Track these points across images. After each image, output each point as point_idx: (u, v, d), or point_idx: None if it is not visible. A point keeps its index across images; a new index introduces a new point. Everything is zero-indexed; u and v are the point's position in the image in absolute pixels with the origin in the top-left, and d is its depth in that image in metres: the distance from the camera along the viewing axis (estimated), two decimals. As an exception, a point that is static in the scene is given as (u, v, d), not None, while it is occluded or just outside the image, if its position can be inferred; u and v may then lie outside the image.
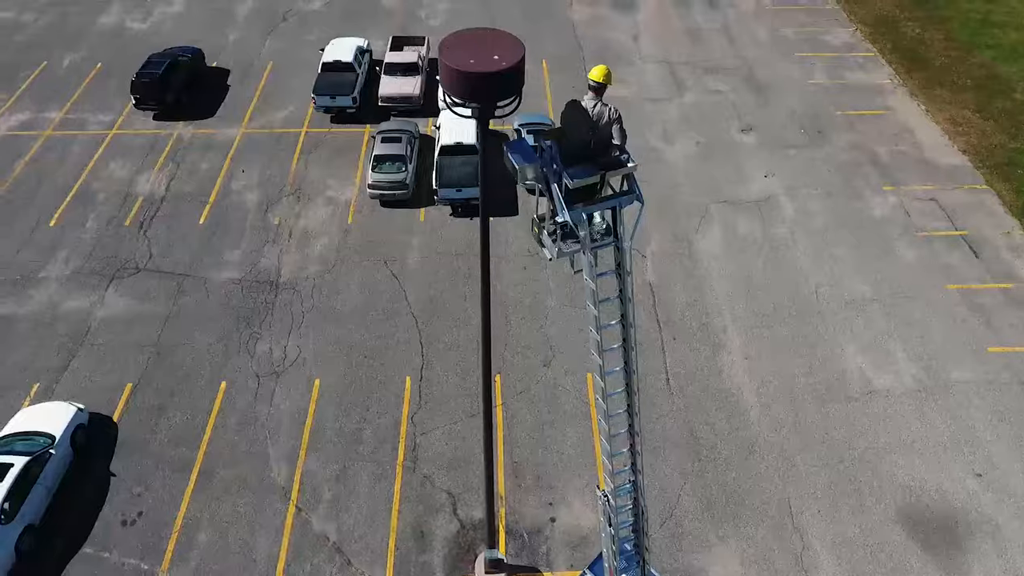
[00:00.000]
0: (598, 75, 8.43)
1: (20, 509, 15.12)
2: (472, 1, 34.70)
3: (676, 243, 22.48)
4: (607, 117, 8.34)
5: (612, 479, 10.86)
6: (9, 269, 21.45)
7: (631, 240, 8.78)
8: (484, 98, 6.41)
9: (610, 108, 8.39)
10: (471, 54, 5.94)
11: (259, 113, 27.65)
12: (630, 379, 10.07)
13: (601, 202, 8.39)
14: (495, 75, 5.98)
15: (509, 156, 8.02)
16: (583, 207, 8.11)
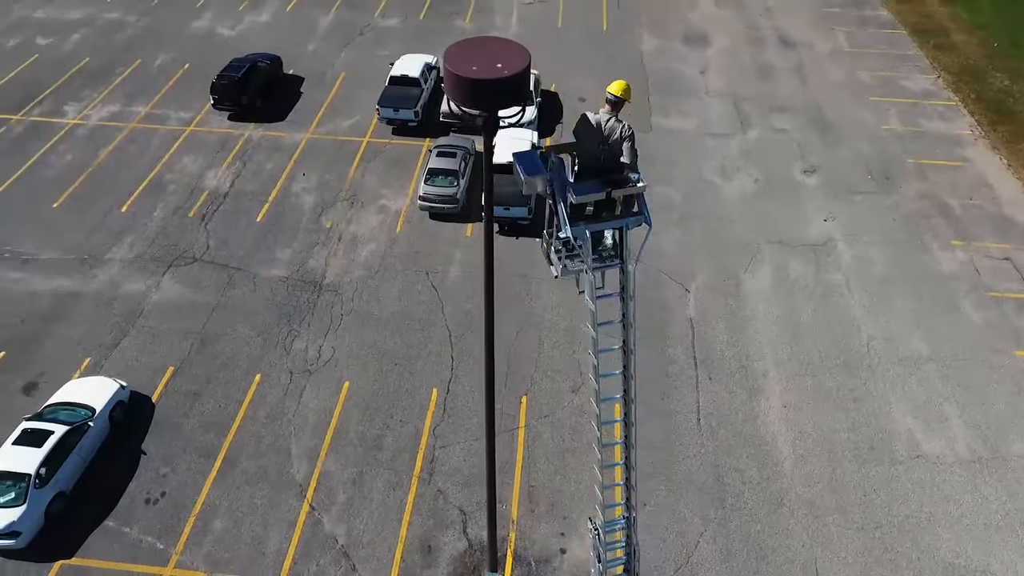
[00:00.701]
0: (616, 89, 8.29)
1: (54, 476, 15.85)
2: (542, 27, 35.16)
3: (723, 280, 21.82)
4: (619, 134, 8.18)
5: (603, 512, 10.49)
6: (80, 249, 22.79)
7: (635, 263, 8.53)
8: (486, 106, 6.38)
9: (623, 125, 8.23)
10: (475, 61, 5.94)
11: (326, 120, 28.66)
12: (628, 408, 9.75)
13: (606, 221, 8.20)
14: (496, 82, 5.94)
15: (516, 167, 7.96)
16: (586, 225, 7.94)
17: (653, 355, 19.54)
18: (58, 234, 23.26)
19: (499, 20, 35.69)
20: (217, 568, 15.24)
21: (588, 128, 8.24)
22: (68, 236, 23.18)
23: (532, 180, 7.79)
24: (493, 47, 6.13)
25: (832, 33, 34.91)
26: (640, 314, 20.42)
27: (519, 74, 6.01)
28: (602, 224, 8.19)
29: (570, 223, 7.92)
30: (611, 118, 8.26)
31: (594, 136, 8.22)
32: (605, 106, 8.44)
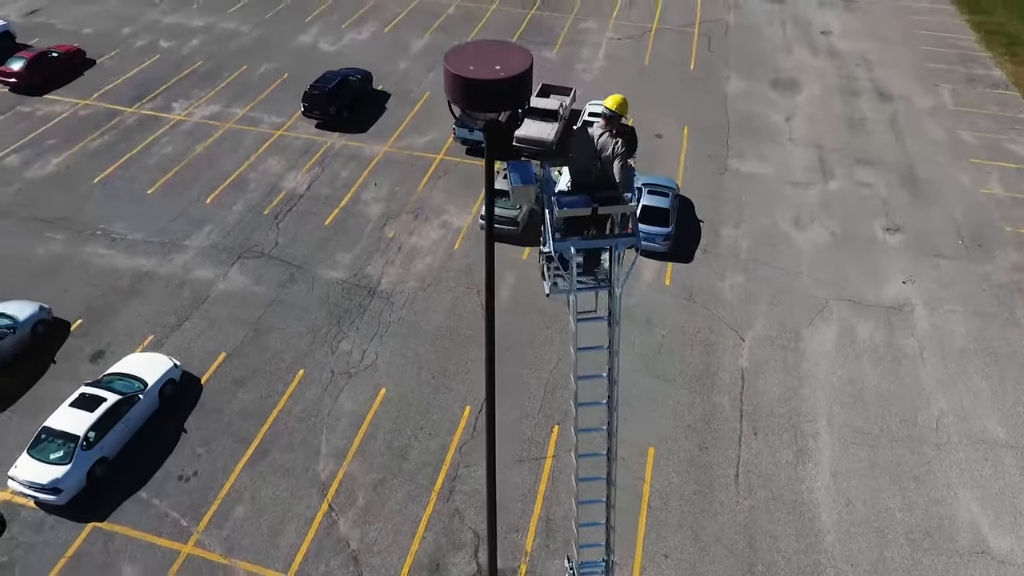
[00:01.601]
0: (611, 103, 8.04)
1: (101, 441, 16.74)
2: (629, 62, 35.18)
3: (782, 333, 20.69)
4: (611, 150, 7.89)
5: (579, 554, 9.96)
6: (163, 234, 24.35)
7: (622, 287, 8.14)
8: (481, 106, 6.32)
9: (617, 142, 7.94)
10: (474, 62, 5.91)
11: (405, 135, 29.60)
12: (610, 443, 9.28)
13: (593, 239, 7.89)
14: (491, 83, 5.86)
15: (508, 175, 7.80)
16: (572, 241, 7.65)
17: (697, 401, 18.70)
18: (147, 218, 24.97)
19: (586, 53, 36.01)
20: (232, 553, 15.55)
21: (583, 142, 8.05)
22: (155, 220, 24.84)
23: (522, 189, 7.60)
24: (499, 50, 6.08)
25: (936, 89, 33.06)
26: (689, 357, 19.79)
27: (515, 77, 5.90)
28: (589, 242, 7.88)
29: (562, 239, 7.67)
30: (604, 133, 8.04)
31: (587, 151, 8.01)
32: (600, 120, 8.24)
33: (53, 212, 25.24)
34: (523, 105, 7.07)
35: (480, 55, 5.92)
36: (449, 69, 5.92)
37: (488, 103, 6.23)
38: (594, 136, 8.03)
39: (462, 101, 6.18)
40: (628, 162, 8.14)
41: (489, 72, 5.80)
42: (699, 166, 27.57)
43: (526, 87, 6.18)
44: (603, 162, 8.00)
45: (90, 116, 30.77)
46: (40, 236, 24.23)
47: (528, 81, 6.20)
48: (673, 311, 21.37)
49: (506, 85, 5.85)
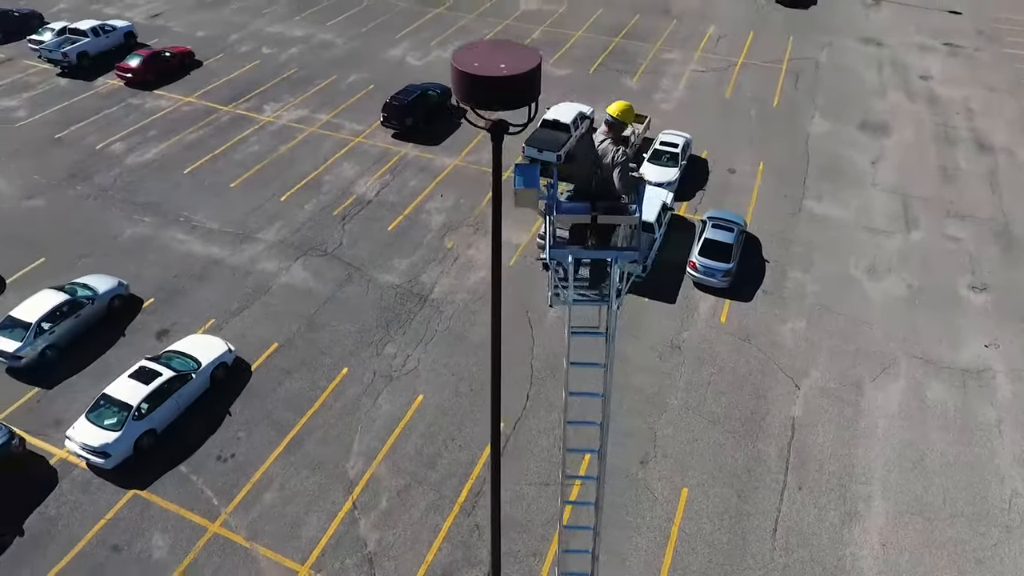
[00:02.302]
0: (614, 110, 7.78)
1: (151, 413, 17.62)
2: (709, 95, 34.54)
3: (843, 385, 19.46)
4: (610, 158, 7.61)
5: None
6: (238, 225, 25.65)
7: (617, 304, 7.79)
8: (484, 103, 6.23)
9: (618, 150, 7.64)
10: (480, 60, 5.86)
11: (476, 151, 30.09)
12: (601, 465, 8.87)
13: (594, 249, 7.61)
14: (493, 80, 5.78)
15: (514, 176, 7.65)
16: (570, 250, 7.41)
17: (740, 446, 17.80)
18: (226, 210, 26.39)
19: (666, 83, 35.64)
20: (254, 537, 15.92)
21: (586, 148, 7.83)
22: (233, 213, 26.22)
23: (524, 192, 7.42)
24: (508, 50, 6.03)
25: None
26: (737, 399, 18.90)
27: (518, 75, 5.81)
28: (588, 252, 7.63)
29: (561, 247, 7.46)
30: (607, 140, 7.78)
31: (589, 158, 7.78)
32: (603, 127, 7.99)
33: (145, 197, 27.10)
34: (524, 104, 6.92)
35: (488, 54, 5.89)
36: (454, 65, 5.93)
37: (489, 100, 6.16)
38: (596, 143, 7.85)
39: (465, 98, 6.16)
40: (631, 171, 7.89)
41: (493, 70, 5.77)
42: (772, 205, 26.57)
43: (529, 86, 6.07)
44: (603, 170, 7.78)
45: (190, 112, 33.00)
46: (131, 218, 26.04)
47: (533, 81, 6.09)
48: (726, 350, 20.53)
49: (508, 83, 5.77)
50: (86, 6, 44.89)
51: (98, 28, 37.92)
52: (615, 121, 7.86)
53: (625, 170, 7.67)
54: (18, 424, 18.19)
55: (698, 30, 41.74)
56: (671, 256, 23.68)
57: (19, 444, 17.29)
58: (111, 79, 35.75)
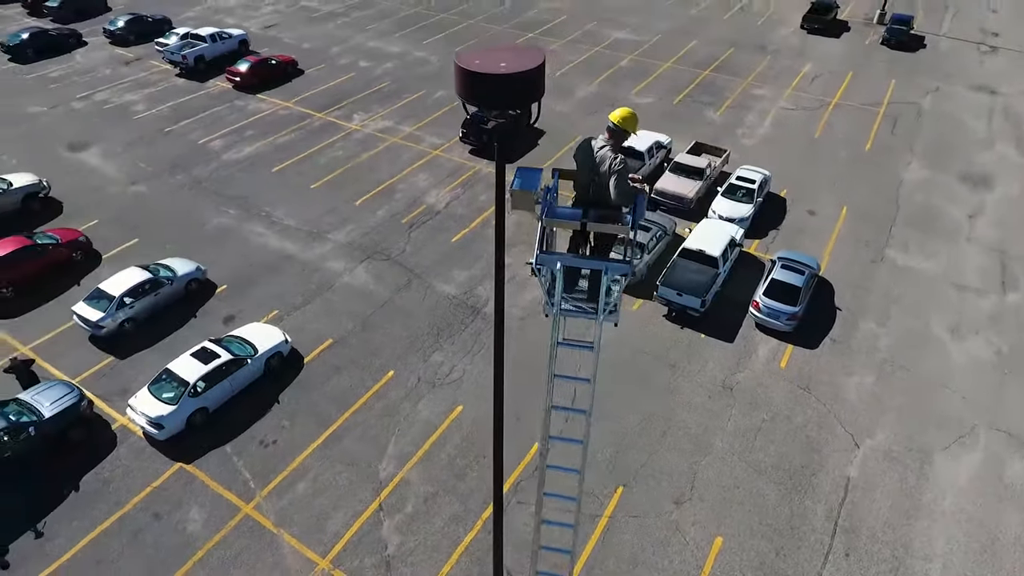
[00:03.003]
0: (616, 116, 7.50)
1: (206, 392, 18.53)
2: (796, 133, 33.29)
3: (908, 449, 17.98)
4: (607, 165, 7.31)
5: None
6: (312, 224, 26.82)
7: (603, 316, 7.45)
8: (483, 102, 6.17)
9: (616, 157, 7.34)
10: (482, 59, 5.84)
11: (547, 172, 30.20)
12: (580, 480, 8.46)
13: (584, 259, 7.35)
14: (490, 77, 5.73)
15: (514, 179, 7.51)
16: (558, 256, 7.17)
17: (786, 500, 16.74)
18: (304, 209, 27.68)
19: (751, 118, 34.67)
20: (282, 524, 16.34)
21: (585, 155, 7.60)
22: (310, 212, 27.46)
23: (520, 194, 7.26)
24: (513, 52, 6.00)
25: None
26: (788, 450, 17.84)
27: (516, 74, 5.75)
28: (577, 260, 7.37)
29: (549, 253, 7.23)
30: (606, 147, 7.50)
31: (588, 164, 7.54)
32: (604, 133, 7.71)
33: (234, 191, 28.85)
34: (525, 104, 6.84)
35: (492, 55, 5.90)
36: (456, 64, 5.99)
37: (488, 98, 6.15)
38: (595, 149, 7.63)
39: (466, 96, 6.19)
40: (630, 180, 7.63)
41: (492, 68, 5.76)
42: (851, 251, 25.15)
43: (528, 86, 6.00)
44: (600, 177, 7.55)
45: (286, 116, 35.01)
46: (218, 209, 27.77)
47: (534, 81, 6.02)
48: (782, 397, 19.47)
49: (507, 81, 5.74)
50: (211, 16, 48.69)
51: (216, 35, 41.05)
52: (616, 128, 7.66)
53: (622, 178, 7.45)
54: (90, 388, 19.59)
55: (793, 67, 40.48)
56: (735, 294, 22.81)
57: (87, 406, 18.60)
58: (221, 81, 38.50)
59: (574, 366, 8.74)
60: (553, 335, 7.71)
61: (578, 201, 7.74)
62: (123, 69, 40.27)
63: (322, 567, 15.53)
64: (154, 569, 15.44)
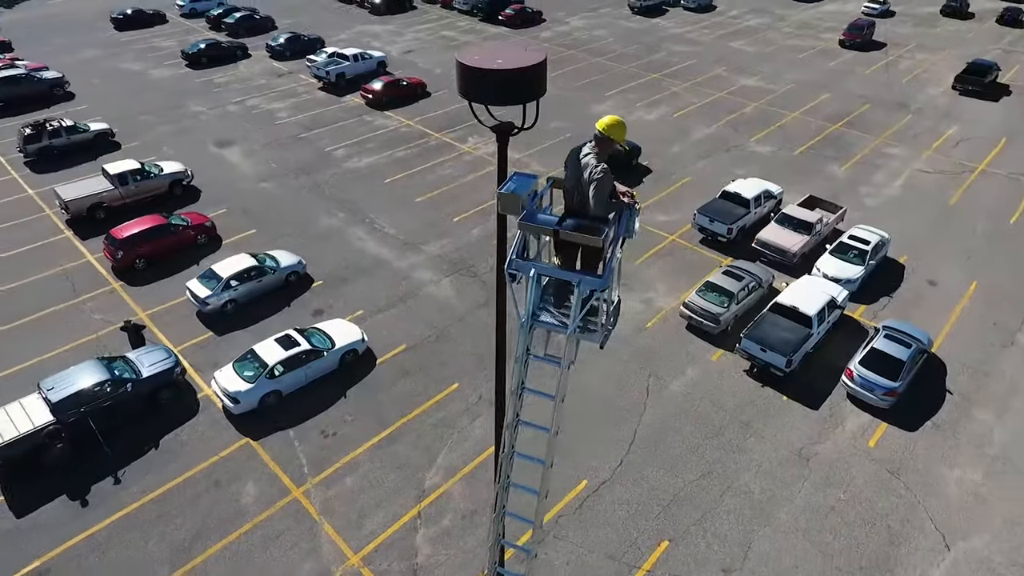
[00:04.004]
0: (601, 124, 7.07)
1: (282, 376, 19.63)
2: (930, 198, 30.54)
3: (1013, 564, 15.59)
4: (588, 173, 6.86)
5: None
6: (410, 235, 27.95)
7: (574, 329, 6.96)
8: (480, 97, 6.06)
9: (597, 166, 6.87)
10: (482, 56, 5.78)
11: (648, 210, 29.69)
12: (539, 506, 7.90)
13: (557, 269, 6.90)
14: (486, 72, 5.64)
15: (507, 182, 7.28)
16: (533, 264, 6.82)
17: None
18: (405, 220, 28.94)
19: (879, 178, 32.27)
20: (324, 513, 16.83)
21: (572, 162, 7.23)
22: (410, 223, 28.66)
23: (507, 197, 7.01)
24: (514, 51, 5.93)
25: None
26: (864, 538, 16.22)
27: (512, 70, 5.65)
28: (549, 269, 6.95)
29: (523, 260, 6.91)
30: (591, 155, 7.08)
31: (574, 172, 7.17)
32: (591, 142, 7.31)
33: (346, 196, 30.74)
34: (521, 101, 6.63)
35: (493, 52, 5.88)
36: (457, 59, 6.03)
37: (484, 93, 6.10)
38: (581, 156, 7.32)
39: (464, 92, 6.19)
40: (622, 194, 7.23)
41: (488, 64, 5.73)
42: (975, 331, 22.53)
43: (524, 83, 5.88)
44: (583, 186, 7.19)
45: (407, 133, 37.00)
46: (330, 211, 29.67)
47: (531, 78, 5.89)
48: (864, 478, 17.62)
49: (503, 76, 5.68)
50: (360, 38, 52.75)
51: (358, 55, 44.40)
52: (601, 136, 7.34)
53: (600, 187, 7.06)
54: (186, 357, 21.37)
55: (936, 129, 37.40)
56: (828, 359, 21.10)
57: (181, 373, 20.28)
58: (356, 97, 41.45)
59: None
60: (520, 346, 7.45)
61: (565, 210, 7.52)
62: (275, 80, 44.44)
63: (352, 563, 15.78)
64: (203, 532, 16.39)
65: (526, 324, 7.26)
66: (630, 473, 17.88)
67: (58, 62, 45.87)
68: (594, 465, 18.07)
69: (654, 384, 20.66)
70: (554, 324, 7.26)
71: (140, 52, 49.96)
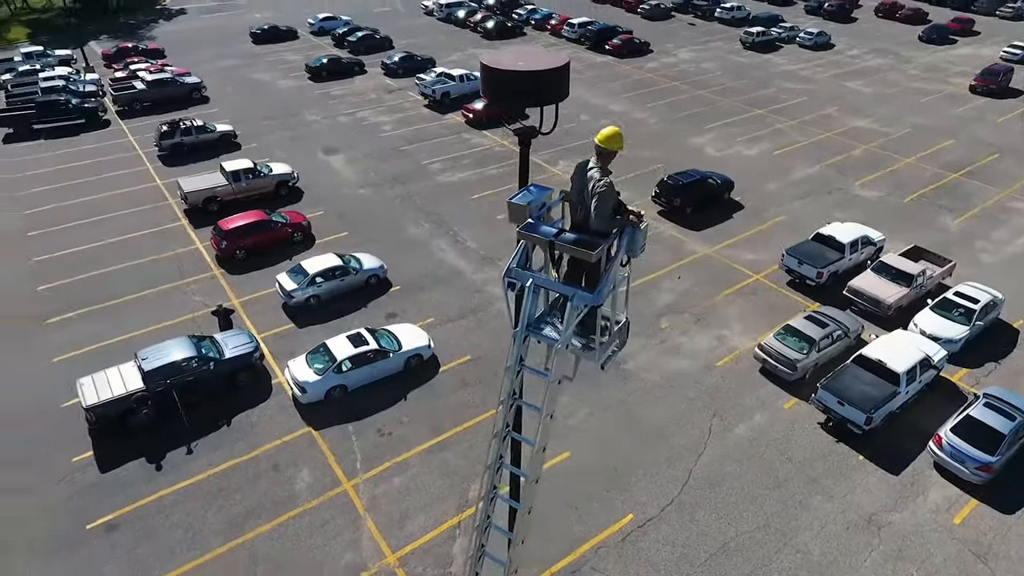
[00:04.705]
0: (600, 137, 6.86)
1: (349, 372, 20.42)
2: None
3: None
4: (590, 187, 6.65)
5: None
6: (489, 250, 28.40)
7: (564, 343, 6.70)
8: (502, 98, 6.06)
9: (598, 180, 6.65)
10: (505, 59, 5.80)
11: (734, 247, 28.69)
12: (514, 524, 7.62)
13: (554, 281, 6.94)
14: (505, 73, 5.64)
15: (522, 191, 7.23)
16: (531, 274, 6.69)
17: None
18: (486, 235, 29.50)
19: (999, 234, 29.52)
20: (370, 509, 17.26)
21: (578, 175, 7.06)
22: (490, 239, 29.17)
23: (516, 208, 7.04)
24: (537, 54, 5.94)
25: None
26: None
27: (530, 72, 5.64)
28: (549, 282, 6.86)
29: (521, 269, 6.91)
30: (595, 168, 6.88)
31: (578, 186, 6.99)
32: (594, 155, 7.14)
33: (434, 208, 31.80)
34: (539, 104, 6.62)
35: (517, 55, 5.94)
36: (481, 61, 6.15)
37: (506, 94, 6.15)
38: (587, 170, 7.20)
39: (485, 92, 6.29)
40: (629, 213, 7.00)
41: (510, 65, 5.78)
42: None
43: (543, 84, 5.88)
44: (585, 198, 7.05)
45: (500, 152, 37.87)
46: (417, 221, 30.79)
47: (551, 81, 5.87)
48: (944, 557, 15.97)
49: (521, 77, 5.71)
50: (468, 61, 54.70)
51: (464, 76, 46.06)
52: (601, 149, 7.22)
53: (602, 200, 6.91)
54: (267, 345, 22.71)
55: (1077, 186, 33.86)
56: (915, 421, 19.43)
57: (259, 358, 21.56)
58: (457, 116, 42.95)
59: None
60: (513, 355, 7.38)
61: (571, 224, 7.45)
62: (385, 95, 46.89)
63: (389, 561, 16.04)
64: (256, 511, 17.23)
65: (520, 333, 7.26)
66: (680, 514, 17.15)
67: (200, 69, 50.62)
68: (643, 500, 17.48)
69: (717, 425, 19.78)
70: (548, 337, 7.23)
71: (271, 64, 54.25)
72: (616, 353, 7.65)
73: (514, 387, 7.51)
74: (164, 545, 16.39)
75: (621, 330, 7.58)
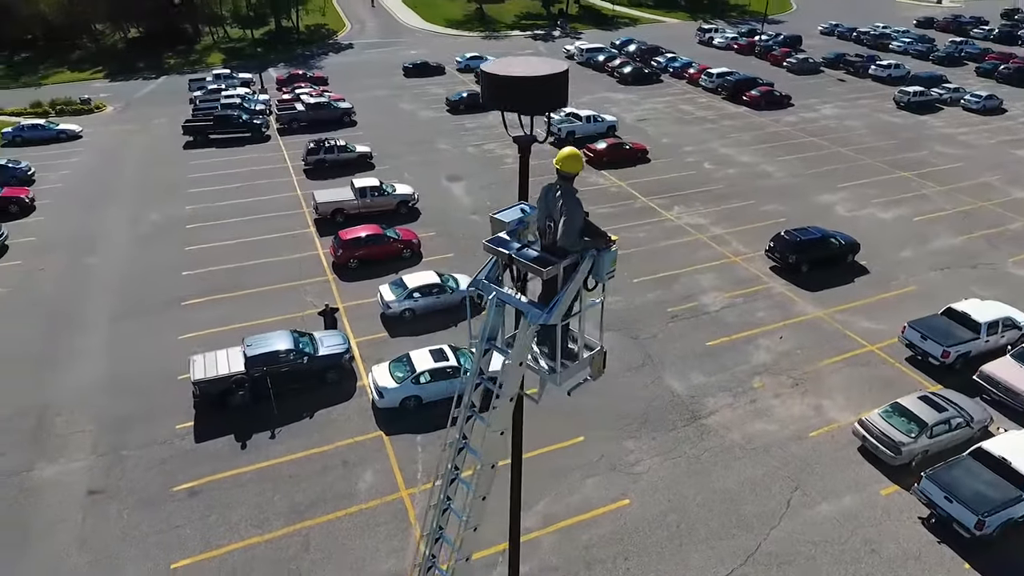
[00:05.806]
0: (557, 159, 6.87)
1: (426, 384, 21.06)
2: None
3: None
4: (557, 207, 6.40)
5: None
6: (587, 287, 28.32)
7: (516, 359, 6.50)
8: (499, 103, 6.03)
9: (562, 202, 6.60)
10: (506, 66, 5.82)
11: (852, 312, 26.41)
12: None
13: (514, 297, 6.85)
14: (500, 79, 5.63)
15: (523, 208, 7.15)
16: (495, 289, 6.50)
17: None
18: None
19: None
20: (419, 520, 17.51)
21: (543, 198, 6.80)
22: (588, 275, 29.09)
23: (495, 221, 7.21)
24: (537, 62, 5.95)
25: None
26: None
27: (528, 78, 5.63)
28: (506, 295, 6.84)
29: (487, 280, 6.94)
30: (557, 190, 6.55)
31: (544, 208, 6.72)
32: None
33: (539, 240, 32.25)
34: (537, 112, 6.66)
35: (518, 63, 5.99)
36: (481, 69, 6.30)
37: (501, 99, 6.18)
38: (551, 192, 6.98)
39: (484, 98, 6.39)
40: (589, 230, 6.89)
41: (507, 72, 5.82)
42: None
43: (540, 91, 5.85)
44: (552, 219, 6.82)
45: (615, 193, 37.87)
46: (521, 251, 31.35)
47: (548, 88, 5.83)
48: None
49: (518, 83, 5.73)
50: (600, 103, 55.45)
51: (591, 117, 46.84)
52: (560, 172, 7.00)
53: (569, 221, 6.66)
54: (360, 349, 24.00)
55: None
56: None
57: (349, 360, 22.83)
58: (579, 154, 43.52)
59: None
60: (473, 365, 7.66)
61: (541, 247, 7.29)
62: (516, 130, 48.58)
63: None
64: (318, 502, 18.08)
65: (480, 345, 7.36)
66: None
67: (353, 97, 55.43)
68: (697, 566, 16.34)
69: (798, 499, 18.15)
70: (503, 351, 7.24)
71: (416, 95, 58.28)
72: (587, 381, 7.58)
73: (471, 399, 7.66)
74: (232, 518, 17.62)
75: (596, 359, 7.42)
